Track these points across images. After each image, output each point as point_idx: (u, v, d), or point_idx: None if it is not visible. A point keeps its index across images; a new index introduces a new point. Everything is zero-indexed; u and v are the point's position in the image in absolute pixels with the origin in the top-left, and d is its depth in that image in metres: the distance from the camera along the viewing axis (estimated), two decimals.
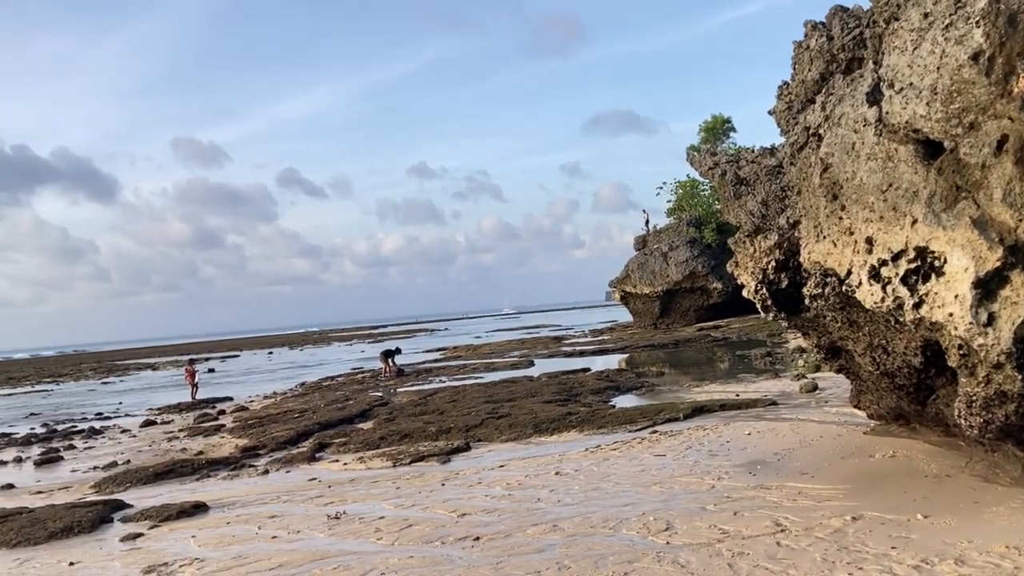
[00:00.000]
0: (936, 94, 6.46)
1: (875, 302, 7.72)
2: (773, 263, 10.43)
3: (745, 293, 11.16)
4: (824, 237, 8.78)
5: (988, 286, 6.37)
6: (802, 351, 22.93)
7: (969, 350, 6.71)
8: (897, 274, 7.32)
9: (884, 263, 7.52)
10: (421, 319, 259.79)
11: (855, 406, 11.80)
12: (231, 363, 65.09)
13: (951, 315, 6.69)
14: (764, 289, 10.56)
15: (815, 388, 16.31)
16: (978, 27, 6.04)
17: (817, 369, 18.43)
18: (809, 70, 9.80)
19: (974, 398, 6.92)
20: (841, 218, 8.39)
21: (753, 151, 12.39)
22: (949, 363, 7.17)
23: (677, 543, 7.35)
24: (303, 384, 34.22)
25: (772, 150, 11.78)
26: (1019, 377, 6.42)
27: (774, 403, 15.25)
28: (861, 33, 8.95)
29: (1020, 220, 6.11)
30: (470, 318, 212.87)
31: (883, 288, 7.56)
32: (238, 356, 79.21)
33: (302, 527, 9.55)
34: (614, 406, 17.52)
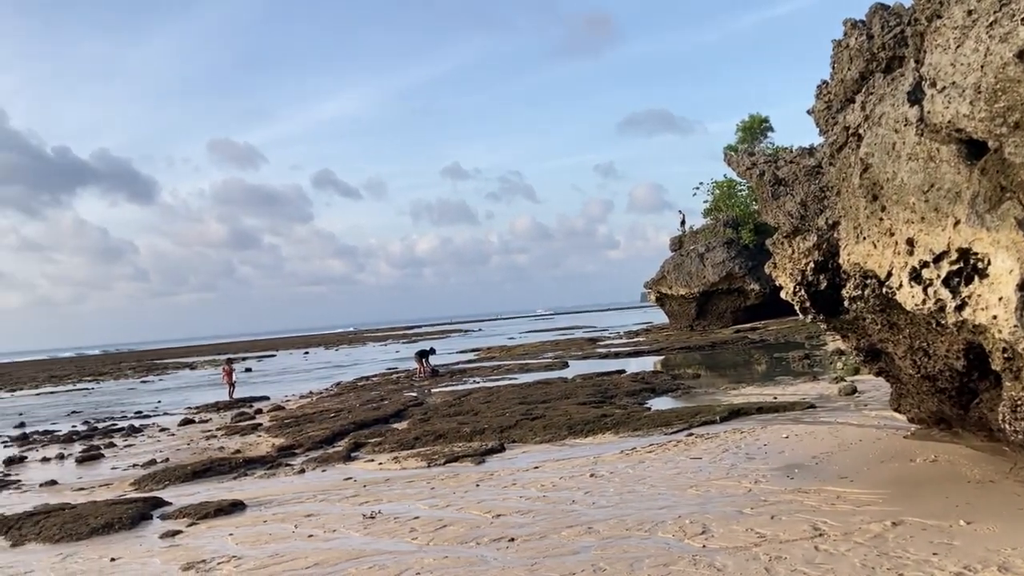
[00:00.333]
0: (980, 93, 6.34)
1: (916, 304, 7.61)
2: (812, 264, 10.31)
3: (783, 295, 11.05)
4: (864, 238, 8.67)
5: None
6: (841, 353, 22.66)
7: (1014, 353, 6.58)
8: (939, 276, 7.20)
9: (926, 265, 7.40)
10: (455, 320, 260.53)
11: (895, 410, 11.63)
12: (267, 363, 65.75)
13: (995, 318, 6.57)
14: (803, 291, 10.45)
15: (854, 391, 16.10)
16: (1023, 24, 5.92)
17: (856, 372, 18.20)
18: (848, 69, 9.68)
19: (1019, 402, 6.78)
20: (881, 219, 8.28)
21: (791, 151, 12.27)
22: (993, 366, 7.04)
23: (713, 547, 7.29)
24: (338, 384, 34.46)
25: (811, 150, 11.65)
26: None
27: (812, 406, 15.07)
28: (902, 31, 8.81)
29: None
30: (504, 319, 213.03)
31: (924, 290, 7.44)
32: (274, 356, 79.99)
33: (338, 526, 9.61)
34: (649, 408, 17.43)
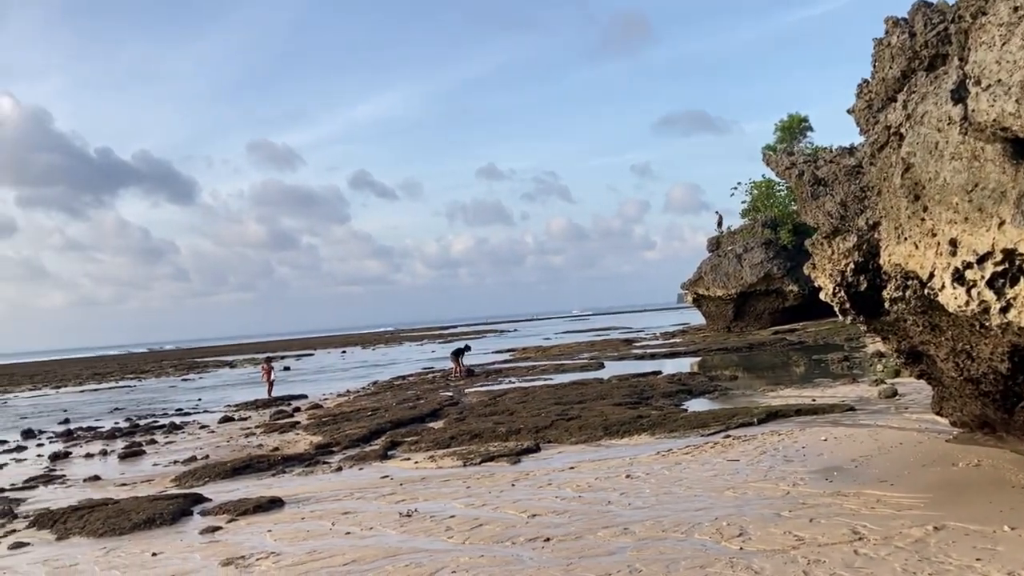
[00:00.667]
0: None
1: (959, 306, 7.49)
2: (852, 265, 10.19)
3: (822, 296, 10.93)
4: (905, 239, 8.55)
5: None
6: (881, 356, 22.36)
7: None
8: (983, 277, 7.09)
9: (969, 266, 7.28)
10: (490, 320, 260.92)
11: (937, 413, 11.46)
12: (305, 361, 66.37)
13: None
14: (842, 292, 10.33)
15: (894, 394, 15.88)
16: None
17: (896, 374, 17.96)
18: (890, 67, 9.55)
19: None
20: (923, 219, 8.16)
21: (831, 151, 12.13)
22: None
23: (751, 549, 7.24)
24: (375, 383, 34.70)
25: (851, 150, 11.50)
26: None
27: (852, 409, 14.89)
28: (946, 29, 8.68)
29: None
30: (539, 319, 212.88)
31: (967, 291, 7.32)
32: (312, 355, 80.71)
33: (374, 524, 9.68)
34: (686, 410, 17.34)
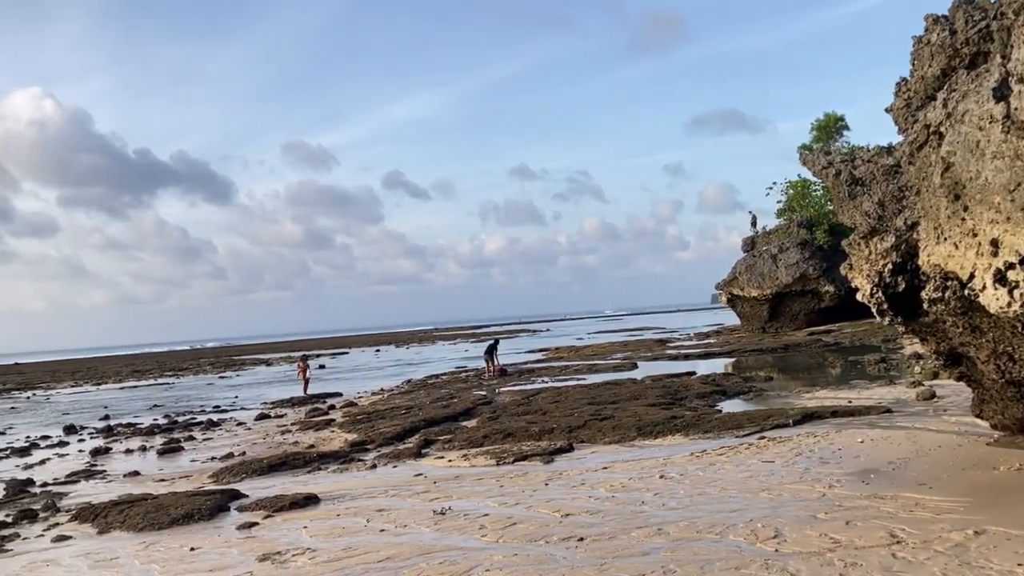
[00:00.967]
0: None
1: (1001, 307, 7.39)
2: (890, 266, 10.08)
3: (859, 296, 10.83)
4: (945, 239, 8.45)
5: None
6: (919, 357, 22.07)
7: None
8: None
9: (1011, 266, 7.18)
10: (523, 319, 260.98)
11: (977, 416, 11.29)
12: (340, 360, 66.89)
13: None
14: (880, 292, 10.22)
15: (933, 396, 15.66)
16: None
17: (935, 376, 17.71)
18: (930, 66, 9.44)
19: None
20: (964, 219, 8.05)
21: (869, 150, 12.00)
22: None
23: (786, 551, 7.19)
24: (409, 381, 34.87)
25: (889, 149, 11.38)
26: None
27: (888, 411, 14.71)
28: (987, 26, 8.57)
29: None
30: (572, 319, 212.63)
31: (1010, 292, 7.22)
32: (347, 353, 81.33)
33: (409, 521, 9.75)
34: (720, 410, 17.23)
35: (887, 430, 12.73)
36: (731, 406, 18.18)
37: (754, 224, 52.56)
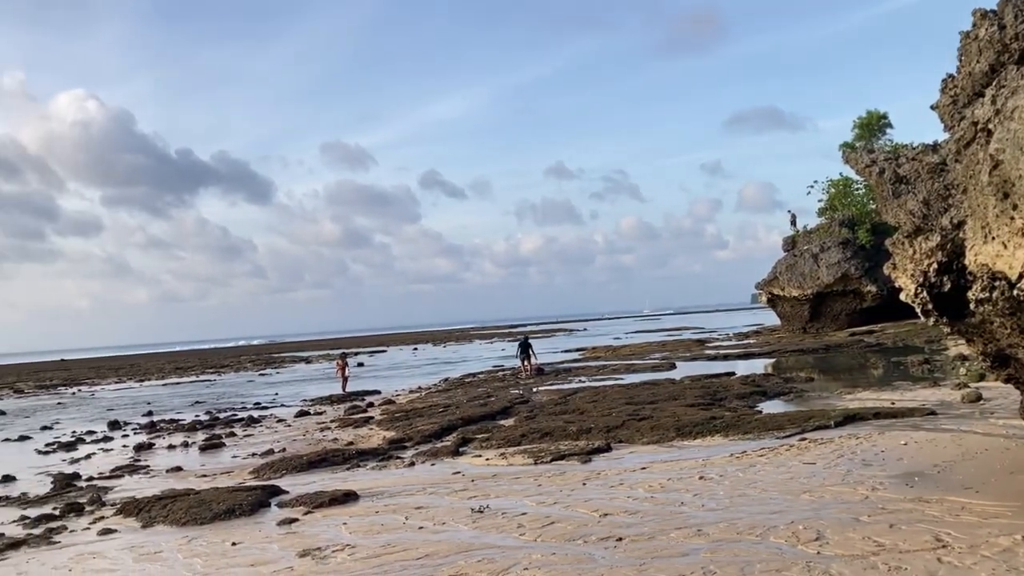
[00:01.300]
0: None
1: None
2: (935, 265, 9.90)
3: (903, 297, 10.65)
4: (993, 238, 8.28)
5: None
6: (964, 359, 21.68)
7: None
8: None
9: None
10: (560, 319, 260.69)
11: None
12: (378, 358, 67.33)
13: None
14: (924, 292, 10.05)
15: (979, 398, 15.37)
16: None
17: (981, 378, 17.39)
18: (977, 61, 9.25)
19: None
20: (1013, 218, 7.88)
21: (913, 148, 11.81)
22: None
23: (828, 553, 7.10)
24: (446, 380, 35.00)
25: (934, 146, 11.18)
26: None
27: (933, 413, 14.46)
28: None
29: None
30: (609, 318, 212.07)
31: None
32: (385, 351, 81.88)
33: (447, 519, 9.78)
34: (760, 411, 17.06)
35: (932, 432, 12.52)
36: (771, 407, 18.00)
37: (794, 223, 52.05)
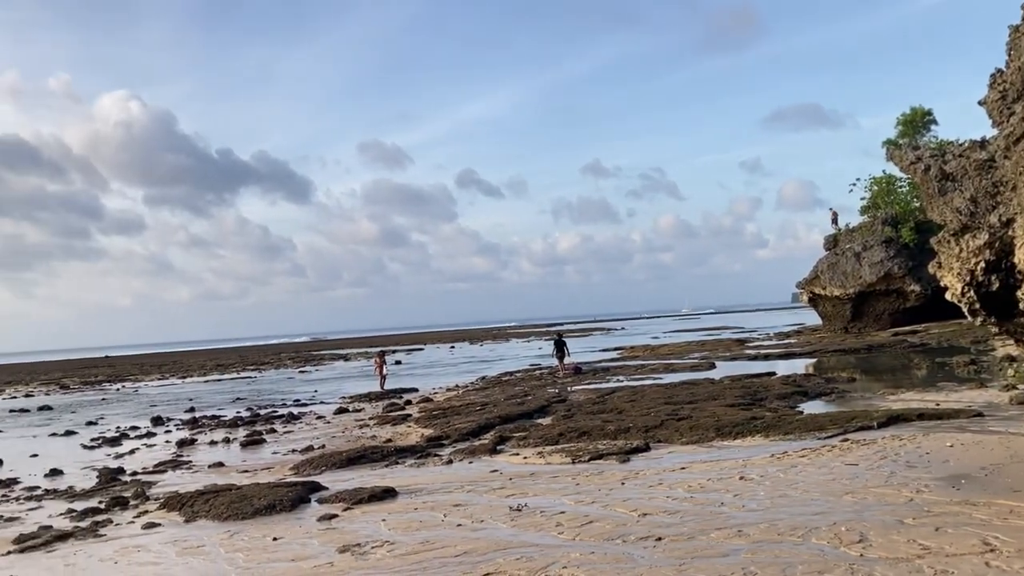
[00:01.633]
0: None
1: None
2: (982, 264, 9.73)
3: (948, 296, 10.49)
4: None
5: None
6: (1012, 359, 21.22)
7: None
8: None
9: None
10: (597, 318, 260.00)
11: None
12: (416, 356, 67.69)
13: None
14: (971, 291, 9.88)
15: None
16: None
17: None
18: None
19: None
20: None
21: (960, 144, 11.60)
22: None
23: (872, 556, 6.99)
24: (483, 378, 35.09)
25: (982, 143, 10.97)
26: None
27: (979, 414, 14.18)
28: None
29: None
30: (647, 318, 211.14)
31: None
32: (422, 349, 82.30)
33: (485, 517, 9.79)
34: (801, 412, 16.87)
35: (978, 434, 12.29)
36: (812, 407, 17.79)
37: (835, 221, 51.40)
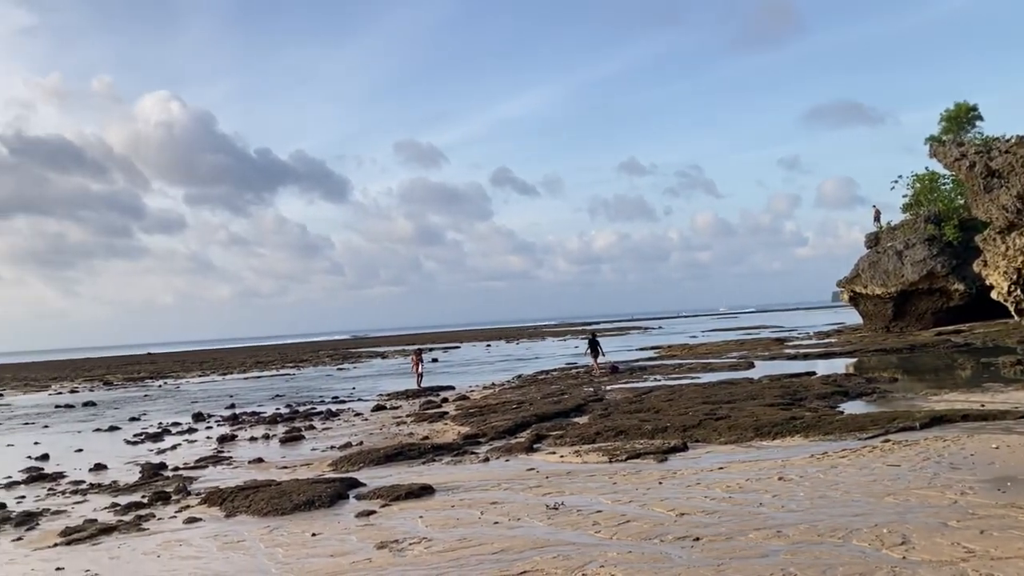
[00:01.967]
0: None
1: None
2: None
3: (994, 295, 10.29)
4: None
5: None
6: None
7: None
8: None
9: None
10: (634, 317, 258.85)
11: None
12: (452, 354, 67.92)
13: None
14: (1018, 290, 9.68)
15: None
16: None
17: None
18: None
19: None
20: None
21: (1007, 140, 11.37)
22: None
23: (915, 559, 6.88)
24: (519, 376, 35.10)
25: None
26: None
27: None
28: None
29: None
30: (685, 317, 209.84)
31: None
32: (458, 348, 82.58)
33: (522, 515, 9.80)
34: (842, 412, 16.65)
35: None
36: (853, 407, 17.56)
37: (877, 219, 50.65)
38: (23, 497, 14.02)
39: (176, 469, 15.93)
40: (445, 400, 26.28)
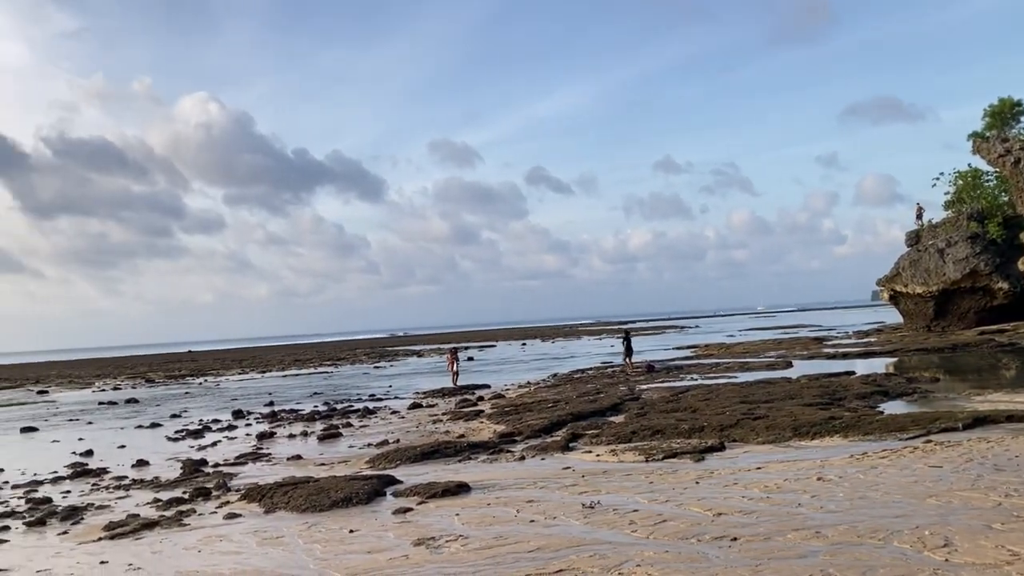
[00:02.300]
0: None
1: None
2: None
3: None
4: None
5: None
6: None
7: None
8: None
9: None
10: (670, 315, 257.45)
11: None
12: (487, 352, 68.03)
13: None
14: None
15: None
16: None
17: None
18: None
19: None
20: None
21: None
22: None
23: (957, 561, 6.78)
24: (555, 375, 35.07)
25: None
26: None
27: None
28: None
29: None
30: (721, 315, 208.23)
31: None
32: (494, 346, 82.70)
33: (558, 514, 9.80)
34: (882, 412, 16.44)
35: None
36: (893, 407, 17.32)
37: (920, 216, 49.88)
38: (68, 492, 14.32)
39: (216, 465, 16.14)
40: (481, 399, 26.34)
